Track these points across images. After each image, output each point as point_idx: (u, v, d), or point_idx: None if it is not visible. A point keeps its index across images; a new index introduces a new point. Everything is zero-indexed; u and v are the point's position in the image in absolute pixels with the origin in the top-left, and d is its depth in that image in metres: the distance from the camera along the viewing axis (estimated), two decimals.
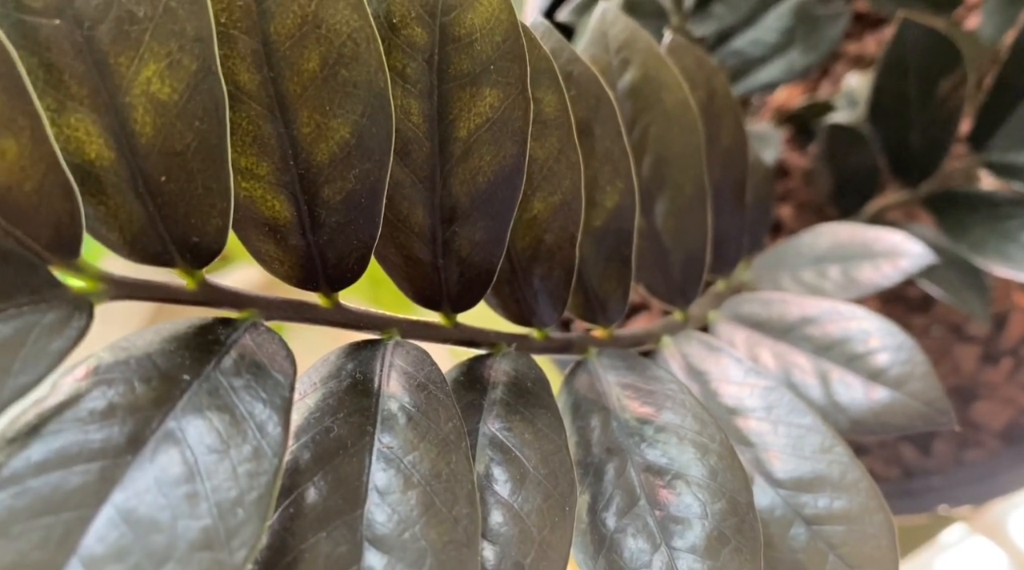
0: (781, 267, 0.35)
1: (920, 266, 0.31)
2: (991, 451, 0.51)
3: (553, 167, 0.18)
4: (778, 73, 0.44)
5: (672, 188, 0.26)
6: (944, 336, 0.54)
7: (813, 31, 0.43)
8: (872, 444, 0.52)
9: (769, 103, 0.59)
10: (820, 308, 0.27)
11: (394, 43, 0.16)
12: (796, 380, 0.26)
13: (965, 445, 0.52)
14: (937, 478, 0.51)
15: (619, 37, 0.25)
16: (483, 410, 0.17)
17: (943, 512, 0.49)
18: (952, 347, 0.53)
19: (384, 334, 0.17)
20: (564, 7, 0.40)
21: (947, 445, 0.52)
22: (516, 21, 0.16)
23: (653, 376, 0.21)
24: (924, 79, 0.36)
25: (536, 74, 0.18)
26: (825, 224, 0.34)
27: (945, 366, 0.52)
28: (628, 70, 0.25)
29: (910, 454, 0.51)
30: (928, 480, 0.51)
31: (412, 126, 0.16)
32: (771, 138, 0.47)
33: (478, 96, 0.16)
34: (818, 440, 0.22)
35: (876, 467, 0.52)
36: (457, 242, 0.17)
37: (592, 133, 0.21)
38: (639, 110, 0.26)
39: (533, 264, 0.20)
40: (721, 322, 0.29)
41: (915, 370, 0.24)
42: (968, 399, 0.52)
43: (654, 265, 0.27)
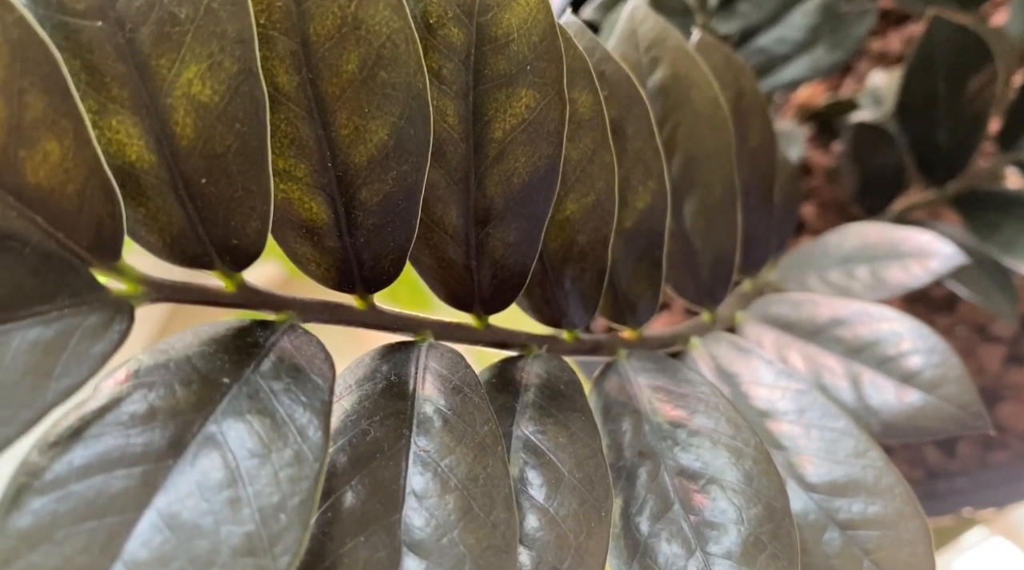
0: (808, 267, 0.34)
1: (950, 267, 0.30)
2: (1016, 453, 0.51)
3: (587, 168, 0.18)
4: (803, 71, 0.44)
5: (702, 188, 0.26)
6: (968, 336, 0.53)
7: (839, 29, 0.42)
8: (896, 445, 0.51)
9: (792, 100, 0.59)
10: (850, 309, 0.26)
11: (430, 44, 0.16)
12: (826, 382, 0.26)
13: (990, 447, 0.51)
14: (961, 480, 0.50)
15: (649, 35, 0.25)
16: (516, 413, 0.17)
17: (967, 514, 0.48)
18: (977, 347, 0.53)
19: (418, 336, 0.17)
20: (588, 4, 0.40)
21: (971, 447, 0.51)
22: (553, 21, 0.16)
23: (685, 379, 0.21)
24: (953, 77, 0.36)
25: (571, 74, 0.18)
26: (852, 224, 0.34)
27: (969, 367, 0.52)
28: (658, 68, 0.25)
29: (934, 456, 0.51)
30: (952, 482, 0.50)
31: (447, 127, 0.16)
32: (795, 136, 0.47)
33: (514, 97, 0.16)
34: (852, 444, 0.21)
35: (900, 468, 0.51)
36: (491, 244, 0.17)
37: (624, 133, 0.21)
38: (669, 109, 0.25)
39: (565, 265, 0.20)
40: (749, 323, 0.29)
41: (948, 373, 0.24)
42: (993, 400, 0.52)
43: (682, 265, 0.27)
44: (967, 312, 0.53)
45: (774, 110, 0.59)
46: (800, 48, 0.44)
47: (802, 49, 0.44)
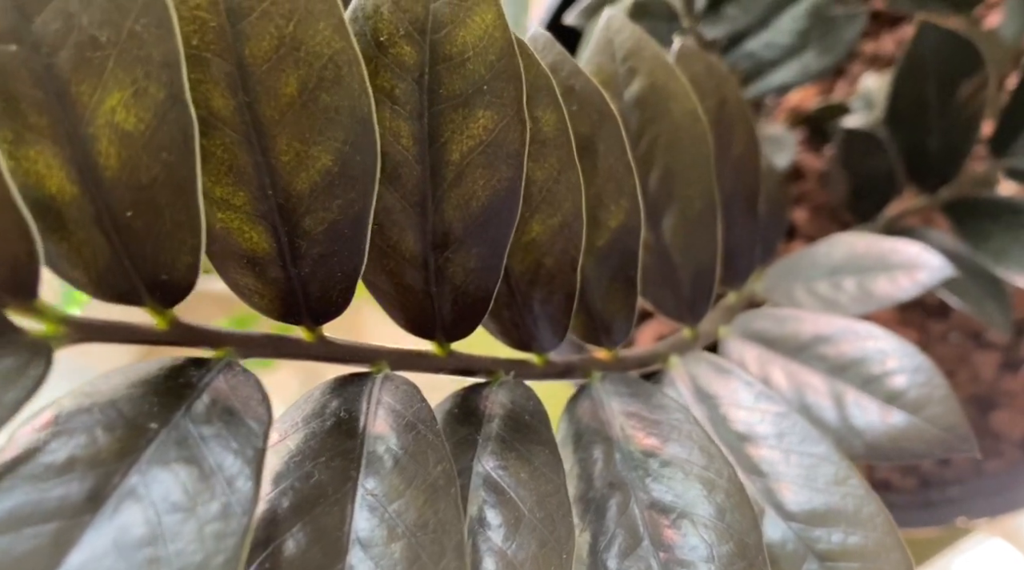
0: (795, 278, 0.33)
1: (938, 280, 0.29)
2: (1011, 461, 0.50)
3: (552, 188, 0.17)
4: (793, 75, 0.43)
5: (681, 201, 0.25)
6: (963, 343, 0.52)
7: (829, 33, 0.41)
8: None
9: (783, 104, 0.58)
10: (835, 326, 0.26)
11: (381, 62, 0.15)
12: (809, 401, 0.25)
13: (985, 455, 0.50)
14: (955, 489, 0.50)
15: (625, 45, 0.24)
16: (477, 446, 0.16)
17: (961, 524, 0.47)
18: (971, 354, 0.52)
19: (373, 367, 0.16)
20: (573, 9, 0.39)
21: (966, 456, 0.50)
22: (511, 39, 0.15)
23: (658, 404, 0.20)
24: (944, 82, 0.35)
25: (534, 92, 0.17)
26: (840, 234, 0.33)
27: (964, 374, 0.51)
28: (635, 79, 0.24)
29: (928, 464, 0.50)
30: (946, 491, 0.50)
31: (402, 149, 0.15)
32: (785, 141, 0.46)
33: (471, 118, 0.15)
34: (832, 471, 0.21)
35: (893, 478, 0.51)
36: (450, 269, 0.16)
37: (595, 149, 0.20)
38: (646, 121, 0.25)
39: (533, 288, 0.19)
40: (732, 338, 0.28)
41: (934, 393, 0.23)
42: (987, 408, 0.51)
43: (662, 281, 0.26)
44: (961, 318, 0.52)
45: (766, 113, 0.58)
46: (789, 53, 0.43)
47: (791, 54, 0.43)
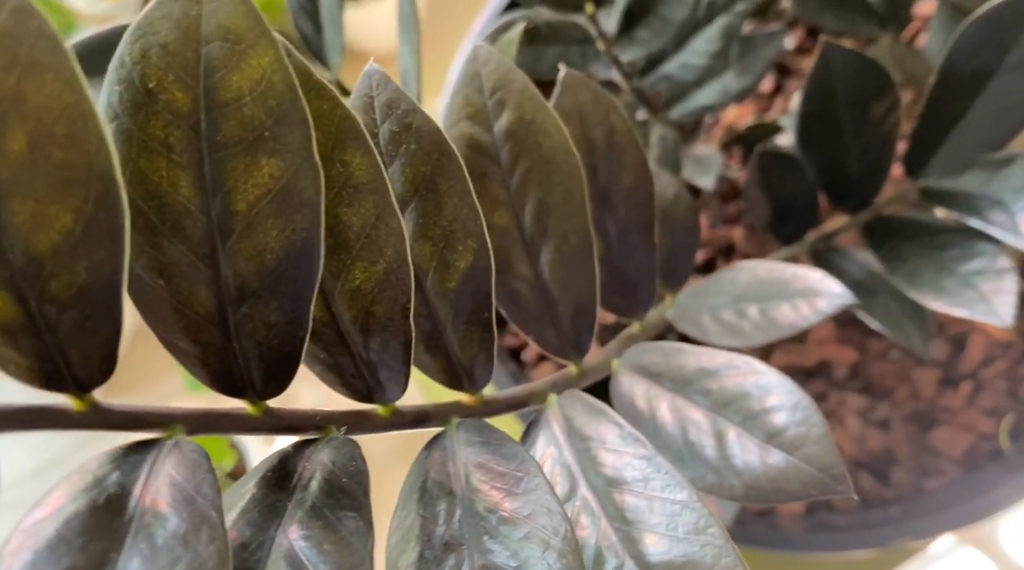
0: (702, 306, 0.32)
1: (838, 307, 0.28)
2: (951, 479, 0.49)
3: (372, 234, 0.16)
4: (714, 96, 0.42)
5: (556, 236, 0.24)
6: (903, 360, 0.51)
7: (748, 53, 0.41)
8: None
9: (721, 121, 0.57)
10: (718, 360, 0.25)
11: (152, 110, 0.14)
12: (692, 439, 0.24)
13: (925, 473, 0.49)
14: (895, 508, 0.49)
15: (492, 77, 0.23)
16: (285, 514, 0.15)
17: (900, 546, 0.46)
18: (911, 371, 0.51)
19: (166, 431, 0.15)
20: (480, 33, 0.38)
21: (906, 474, 0.49)
22: (292, 83, 0.14)
23: (509, 454, 0.19)
24: (855, 104, 0.34)
25: (341, 135, 0.16)
26: (746, 261, 0.32)
27: (904, 391, 0.50)
28: (504, 112, 0.23)
29: (869, 484, 0.49)
30: (886, 511, 0.49)
31: (183, 199, 0.14)
32: (711, 161, 0.45)
33: (255, 165, 0.14)
34: (693, 519, 0.20)
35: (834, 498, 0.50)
36: (251, 325, 0.15)
37: (437, 189, 0.19)
38: (517, 155, 0.24)
39: (367, 337, 0.18)
40: (623, 373, 0.27)
41: (810, 432, 0.22)
42: (928, 425, 0.50)
43: (544, 317, 0.25)
44: None
45: (705, 130, 0.58)
46: (709, 74, 0.42)
47: (712, 75, 0.42)
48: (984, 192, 0.34)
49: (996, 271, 0.32)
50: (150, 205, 0.14)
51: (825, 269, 0.39)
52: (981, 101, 0.33)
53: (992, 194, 0.33)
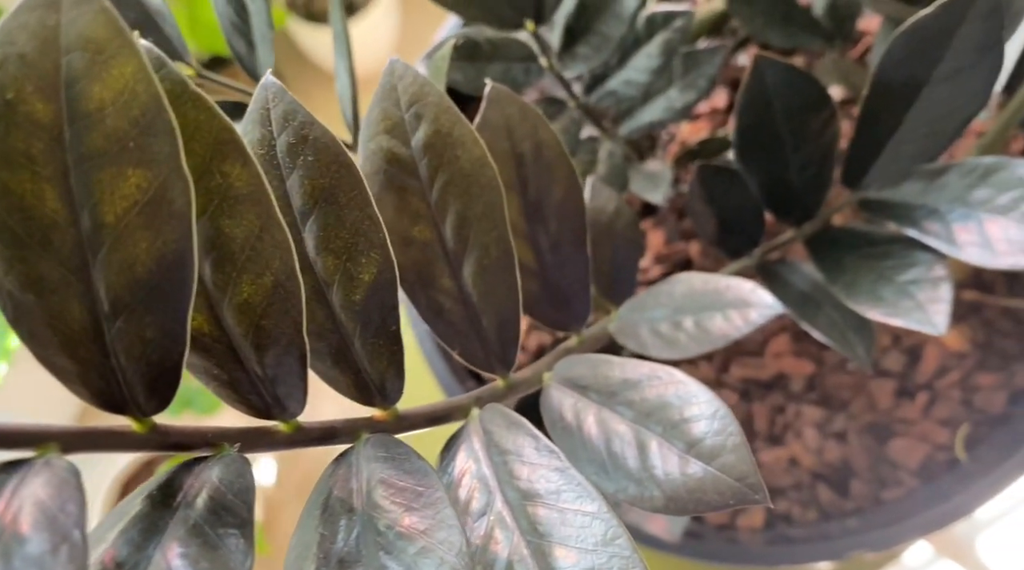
0: (640, 318, 0.32)
1: (767, 317, 0.28)
2: (909, 489, 0.49)
3: (256, 246, 0.16)
4: (660, 113, 0.42)
5: (478, 249, 0.24)
6: (859, 371, 0.51)
7: (691, 69, 0.41)
8: (788, 486, 0.49)
9: (677, 137, 0.57)
10: (641, 371, 0.24)
11: (12, 121, 0.13)
12: (616, 450, 0.24)
13: (883, 485, 0.49)
14: (854, 520, 0.48)
15: (409, 91, 0.23)
16: (165, 533, 0.15)
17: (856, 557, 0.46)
18: (868, 382, 0.51)
19: (39, 450, 0.15)
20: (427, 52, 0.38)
21: (865, 485, 0.49)
22: (157, 92, 0.13)
23: (412, 469, 0.19)
24: (792, 117, 0.34)
25: (220, 146, 0.15)
26: (683, 273, 0.32)
27: (861, 402, 0.50)
28: (421, 126, 0.23)
29: (827, 496, 0.49)
30: (844, 523, 0.48)
31: (50, 212, 0.14)
32: (661, 177, 0.45)
33: (121, 177, 0.14)
34: (602, 530, 0.19)
35: (793, 510, 0.49)
36: (127, 340, 0.15)
37: (337, 201, 0.19)
38: (436, 168, 0.23)
39: (260, 352, 0.17)
40: (552, 386, 0.26)
41: (727, 442, 0.22)
42: (885, 436, 0.49)
43: (469, 330, 0.25)
44: None
45: (661, 146, 0.58)
46: (655, 90, 0.42)
47: (657, 91, 0.42)
48: (921, 202, 0.33)
49: (932, 280, 0.32)
50: (15, 219, 0.14)
51: (771, 281, 0.39)
52: (914, 112, 0.33)
53: (929, 204, 0.33)
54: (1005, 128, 0.47)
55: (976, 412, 0.49)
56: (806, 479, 0.49)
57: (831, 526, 0.48)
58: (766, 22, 0.44)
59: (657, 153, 0.58)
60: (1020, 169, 0.31)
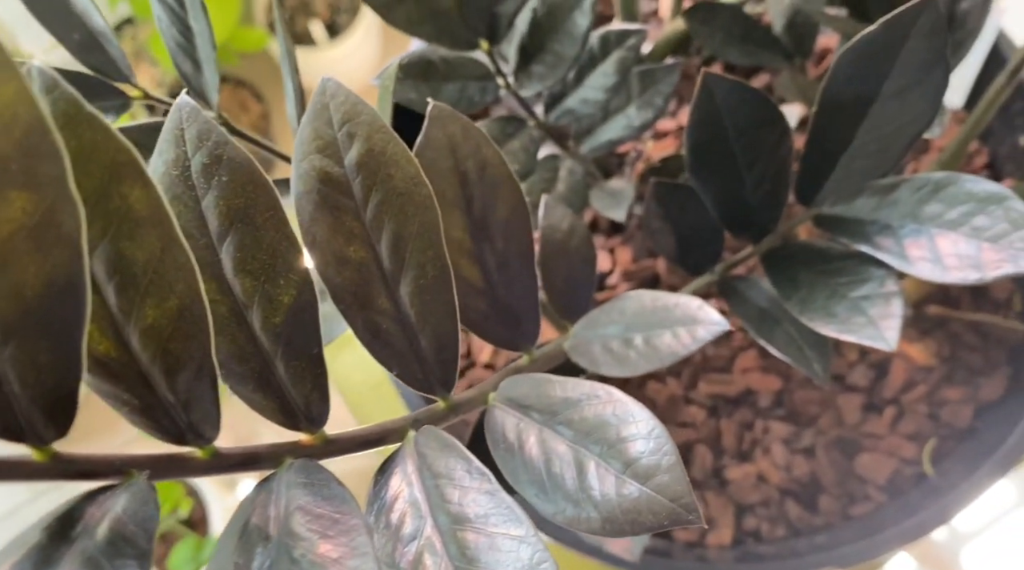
0: (594, 337, 0.32)
1: (715, 334, 0.28)
2: (877, 505, 0.48)
3: (159, 269, 0.16)
4: (619, 131, 0.42)
5: (414, 268, 0.23)
6: (827, 385, 0.51)
7: (648, 87, 0.41)
8: (756, 502, 0.49)
9: (644, 154, 0.57)
10: (580, 390, 0.24)
11: None
12: (555, 471, 0.23)
13: (851, 500, 0.49)
14: (822, 536, 0.48)
15: (341, 110, 0.23)
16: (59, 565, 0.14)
17: None
18: (835, 397, 0.50)
19: None
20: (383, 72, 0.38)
21: (833, 501, 0.48)
22: (40, 115, 0.13)
23: (331, 495, 0.18)
24: (744, 134, 0.34)
25: (117, 167, 0.15)
26: (634, 291, 0.32)
27: (828, 417, 0.49)
28: (354, 145, 0.23)
29: (796, 512, 0.48)
30: (814, 539, 0.47)
31: None
32: (622, 195, 0.45)
33: (4, 201, 0.13)
34: (528, 554, 0.19)
35: (762, 526, 0.48)
36: (19, 366, 0.14)
37: (253, 222, 0.18)
38: (369, 187, 0.23)
39: (170, 378, 0.17)
40: (496, 406, 0.26)
41: (662, 461, 0.21)
42: (852, 451, 0.49)
43: (407, 351, 0.24)
44: None
45: (628, 162, 0.58)
46: (615, 108, 0.42)
47: (616, 109, 0.42)
48: (874, 218, 0.33)
49: (884, 295, 0.32)
50: None
51: (731, 297, 0.39)
52: (865, 128, 0.33)
53: (881, 220, 0.33)
54: (964, 142, 0.47)
55: (943, 426, 0.49)
56: (775, 495, 0.48)
57: (800, 542, 0.47)
58: (725, 40, 0.44)
59: (625, 170, 0.57)
60: (969, 184, 0.31)
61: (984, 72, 0.56)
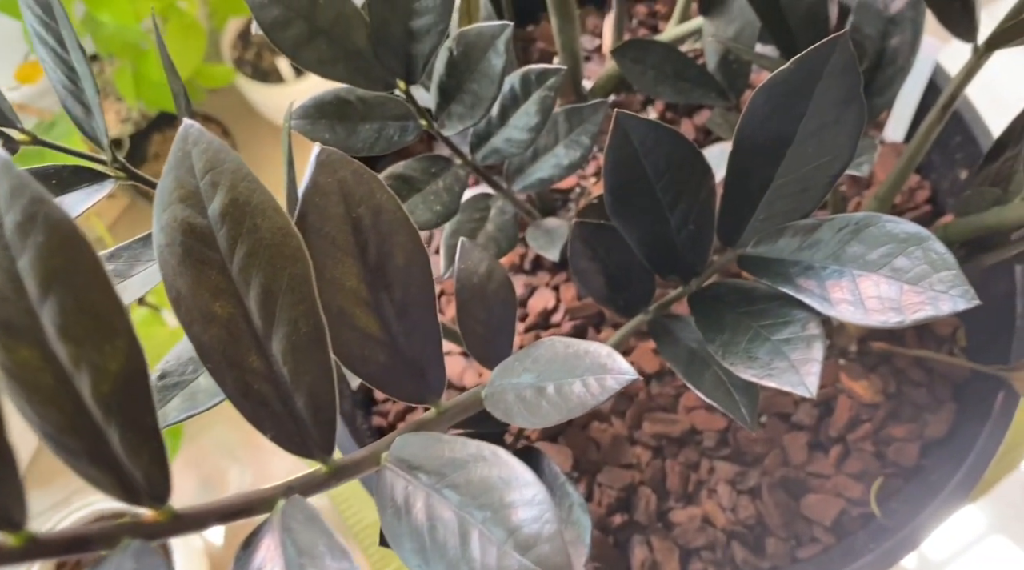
0: (509, 385, 0.30)
1: (624, 383, 0.26)
2: (824, 546, 0.46)
3: None
4: (549, 170, 0.41)
5: (286, 324, 0.22)
6: (773, 424, 0.49)
7: (576, 126, 0.39)
8: (702, 546, 0.47)
9: (587, 190, 0.56)
10: (467, 451, 0.22)
11: None
12: (439, 539, 0.21)
13: (798, 542, 0.47)
14: None
15: (203, 158, 0.21)
16: None
17: None
18: (781, 436, 0.48)
19: None
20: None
21: (780, 543, 0.46)
22: None
23: None
24: (663, 174, 0.33)
25: None
26: (548, 337, 0.30)
27: (774, 457, 0.48)
28: (217, 194, 0.21)
29: (742, 555, 0.46)
30: None
31: None
32: (557, 233, 0.43)
33: None
34: None
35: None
36: None
37: (74, 285, 0.16)
38: (235, 238, 0.21)
39: None
40: (387, 467, 0.24)
41: (543, 530, 0.19)
42: (799, 492, 0.47)
43: (282, 413, 0.22)
44: (770, 399, 0.49)
45: (574, 198, 0.56)
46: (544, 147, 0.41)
47: (546, 148, 0.41)
48: (797, 259, 0.32)
49: (806, 339, 0.30)
50: None
51: (662, 338, 0.37)
52: (784, 168, 0.32)
53: (804, 260, 0.31)
54: (900, 176, 0.46)
55: (889, 464, 0.47)
56: (721, 538, 0.46)
57: None
58: (656, 78, 0.43)
59: (570, 206, 0.56)
60: (889, 225, 0.30)
61: (923, 105, 0.55)
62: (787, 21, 0.40)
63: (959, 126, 0.52)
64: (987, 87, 0.63)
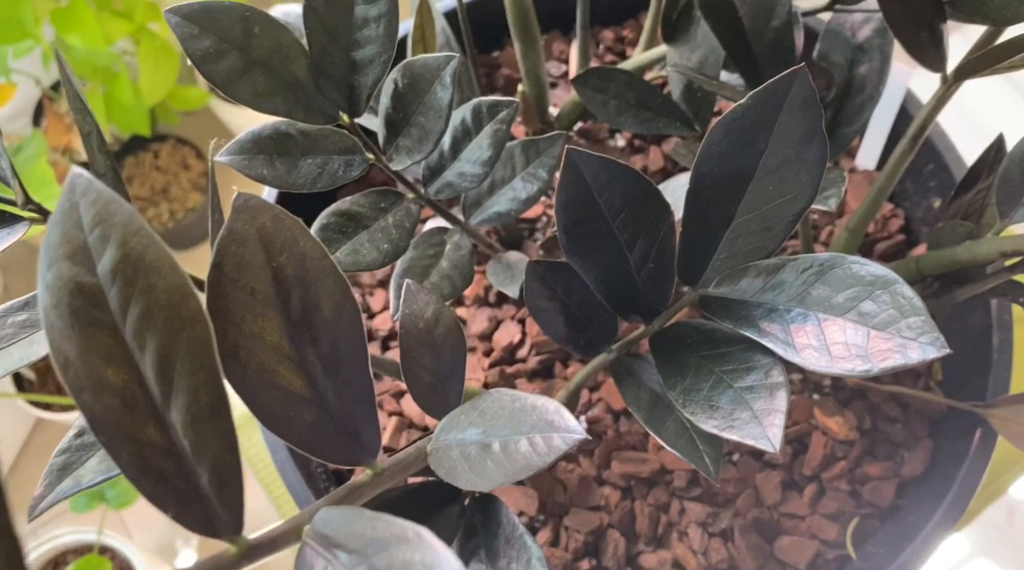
0: (454, 441, 0.28)
1: (572, 443, 0.24)
2: None
3: None
4: (506, 204, 0.38)
5: (185, 393, 0.19)
6: (745, 463, 0.47)
7: (533, 159, 0.37)
8: None
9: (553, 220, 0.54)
10: (391, 530, 0.20)
11: None
12: None
13: None
14: None
15: (92, 209, 0.19)
16: None
17: None
18: (754, 475, 0.46)
19: None
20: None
21: None
22: None
23: None
24: (620, 212, 0.31)
25: None
26: (495, 390, 0.28)
27: (747, 497, 0.45)
28: (107, 249, 0.19)
29: None
30: None
31: None
32: (517, 268, 0.41)
33: None
34: None
35: None
36: None
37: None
38: (127, 299, 0.19)
39: None
40: (308, 542, 0.21)
41: None
42: (772, 534, 0.45)
43: (184, 489, 0.20)
44: None
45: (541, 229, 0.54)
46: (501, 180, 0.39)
47: (503, 181, 0.38)
48: (760, 300, 0.30)
49: (769, 387, 0.28)
50: None
51: (624, 380, 0.35)
52: (745, 205, 0.30)
53: (768, 303, 0.29)
54: (872, 206, 0.44)
55: (865, 504, 0.45)
56: None
57: None
58: (619, 108, 0.41)
59: (537, 237, 0.54)
60: (855, 266, 0.28)
61: (894, 132, 0.53)
62: (751, 49, 0.38)
63: (932, 154, 0.51)
64: (962, 112, 0.62)
